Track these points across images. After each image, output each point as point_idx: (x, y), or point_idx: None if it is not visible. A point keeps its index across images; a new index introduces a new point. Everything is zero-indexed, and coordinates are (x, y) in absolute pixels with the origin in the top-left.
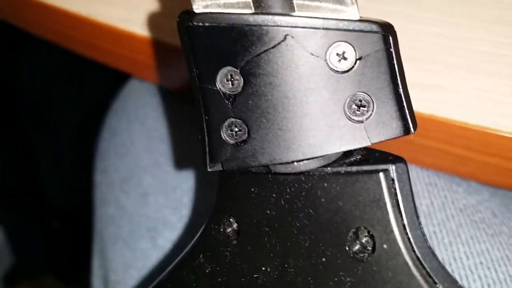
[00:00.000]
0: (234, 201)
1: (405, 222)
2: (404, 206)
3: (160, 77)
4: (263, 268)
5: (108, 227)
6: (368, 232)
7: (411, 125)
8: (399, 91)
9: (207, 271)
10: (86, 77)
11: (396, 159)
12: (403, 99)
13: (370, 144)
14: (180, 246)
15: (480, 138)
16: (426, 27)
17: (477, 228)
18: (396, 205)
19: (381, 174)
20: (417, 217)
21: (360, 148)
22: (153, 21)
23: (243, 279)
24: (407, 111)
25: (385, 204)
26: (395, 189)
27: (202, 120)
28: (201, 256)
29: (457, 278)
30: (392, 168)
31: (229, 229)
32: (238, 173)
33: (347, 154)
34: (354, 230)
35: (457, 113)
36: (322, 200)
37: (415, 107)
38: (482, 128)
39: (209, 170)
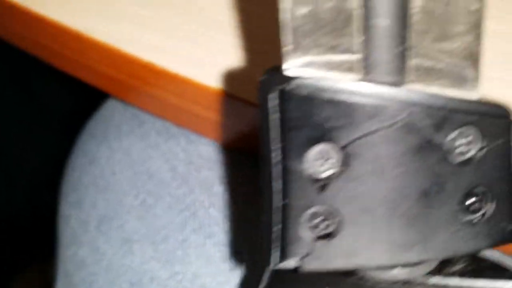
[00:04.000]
0: None
1: None
2: None
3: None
4: None
5: (78, 272)
6: None
7: None
8: None
9: None
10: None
11: None
12: None
13: (483, 249)
14: None
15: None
16: None
17: None
18: None
19: None
20: None
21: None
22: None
23: None
24: None
25: None
26: None
27: (277, 205)
28: None
29: None
30: None
31: None
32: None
33: (446, 261)
34: None
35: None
36: None
37: None
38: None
39: (280, 265)
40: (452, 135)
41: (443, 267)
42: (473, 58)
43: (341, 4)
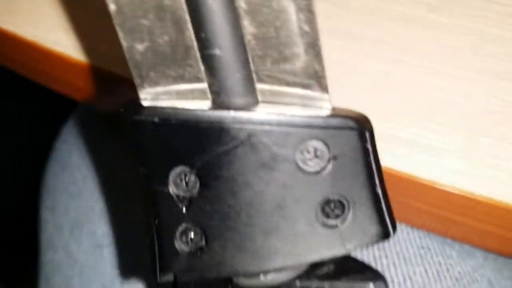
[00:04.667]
0: None
1: None
2: None
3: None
4: None
5: (56, 276)
6: None
7: (390, 229)
8: (377, 192)
9: None
10: None
11: (376, 277)
12: (382, 200)
13: (345, 252)
14: None
15: (483, 208)
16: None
17: None
18: None
19: None
20: None
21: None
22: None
23: None
24: (386, 214)
25: None
26: None
27: (152, 224)
28: None
29: None
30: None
31: None
32: (194, 285)
33: (318, 264)
34: None
35: (458, 180)
36: None
37: (413, 169)
38: (491, 201)
39: (159, 281)
40: (299, 149)
41: (313, 270)
42: (317, 76)
43: (177, 37)
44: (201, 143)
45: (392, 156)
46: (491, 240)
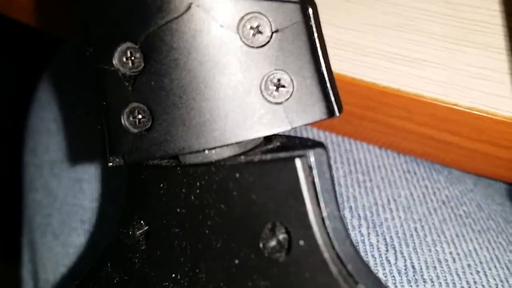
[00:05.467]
0: (143, 200)
1: (324, 214)
2: (323, 197)
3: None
4: (173, 275)
5: (36, 216)
6: (286, 228)
7: (335, 107)
8: (321, 69)
9: (115, 281)
10: None
11: (315, 145)
12: (326, 77)
13: (290, 128)
14: None
15: (472, 122)
16: None
17: (462, 224)
18: (314, 195)
19: (297, 161)
20: (339, 209)
21: (280, 135)
22: None
23: None
24: (330, 92)
25: (301, 194)
26: (312, 177)
27: (101, 106)
28: (109, 265)
29: (443, 284)
30: (310, 154)
31: (138, 232)
32: (146, 167)
33: (266, 141)
34: (269, 226)
35: (445, 92)
36: (234, 193)
37: (397, 83)
38: (474, 111)
39: (109, 164)
40: (240, 23)
41: (260, 145)
42: None
43: None
44: (144, 16)
45: (374, 70)
46: (480, 161)
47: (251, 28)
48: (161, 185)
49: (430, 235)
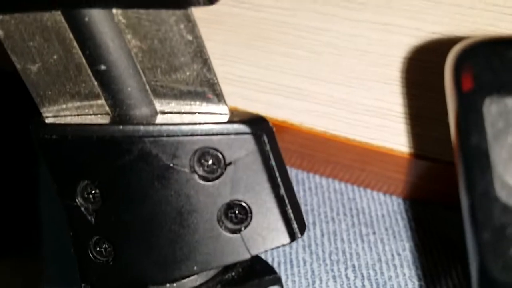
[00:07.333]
0: None
1: None
2: None
3: None
4: None
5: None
6: None
7: (296, 230)
8: (280, 192)
9: None
10: None
11: (273, 281)
12: (286, 201)
13: (249, 256)
14: None
15: None
16: None
17: None
18: None
19: None
20: None
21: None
22: None
23: None
24: (291, 215)
25: None
26: None
27: (70, 236)
28: None
29: None
30: None
31: None
32: None
33: (227, 268)
34: None
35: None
36: None
37: (391, 142)
38: None
39: None
40: (193, 158)
41: (221, 274)
42: (209, 83)
43: (66, 56)
44: (99, 158)
45: (367, 128)
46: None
47: (205, 162)
48: None
49: None
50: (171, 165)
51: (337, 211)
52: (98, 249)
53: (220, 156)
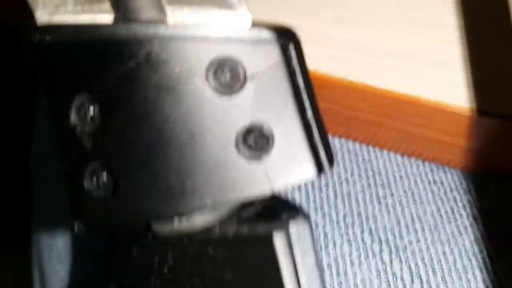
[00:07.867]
0: (119, 265)
1: None
2: (305, 277)
3: None
4: None
5: (43, 234)
6: None
7: (325, 162)
8: (306, 117)
9: None
10: None
11: (298, 212)
12: (313, 127)
13: (270, 191)
14: None
15: None
16: None
17: (498, 244)
18: (294, 276)
19: (276, 237)
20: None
21: None
22: None
23: None
24: (319, 144)
25: (280, 275)
26: (293, 255)
27: (61, 167)
28: None
29: None
30: (291, 226)
31: None
32: (119, 232)
33: (244, 205)
34: None
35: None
36: (208, 269)
37: (414, 88)
38: None
39: (76, 231)
40: (209, 69)
41: (236, 214)
42: None
43: None
44: (99, 64)
45: (388, 74)
46: None
47: (222, 74)
48: (135, 251)
49: (460, 259)
50: (182, 74)
51: (351, 172)
52: (94, 179)
53: (239, 67)
